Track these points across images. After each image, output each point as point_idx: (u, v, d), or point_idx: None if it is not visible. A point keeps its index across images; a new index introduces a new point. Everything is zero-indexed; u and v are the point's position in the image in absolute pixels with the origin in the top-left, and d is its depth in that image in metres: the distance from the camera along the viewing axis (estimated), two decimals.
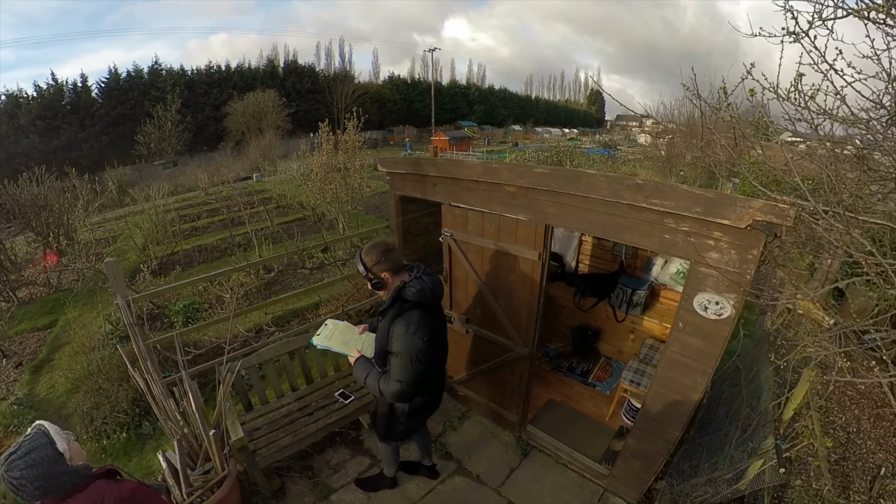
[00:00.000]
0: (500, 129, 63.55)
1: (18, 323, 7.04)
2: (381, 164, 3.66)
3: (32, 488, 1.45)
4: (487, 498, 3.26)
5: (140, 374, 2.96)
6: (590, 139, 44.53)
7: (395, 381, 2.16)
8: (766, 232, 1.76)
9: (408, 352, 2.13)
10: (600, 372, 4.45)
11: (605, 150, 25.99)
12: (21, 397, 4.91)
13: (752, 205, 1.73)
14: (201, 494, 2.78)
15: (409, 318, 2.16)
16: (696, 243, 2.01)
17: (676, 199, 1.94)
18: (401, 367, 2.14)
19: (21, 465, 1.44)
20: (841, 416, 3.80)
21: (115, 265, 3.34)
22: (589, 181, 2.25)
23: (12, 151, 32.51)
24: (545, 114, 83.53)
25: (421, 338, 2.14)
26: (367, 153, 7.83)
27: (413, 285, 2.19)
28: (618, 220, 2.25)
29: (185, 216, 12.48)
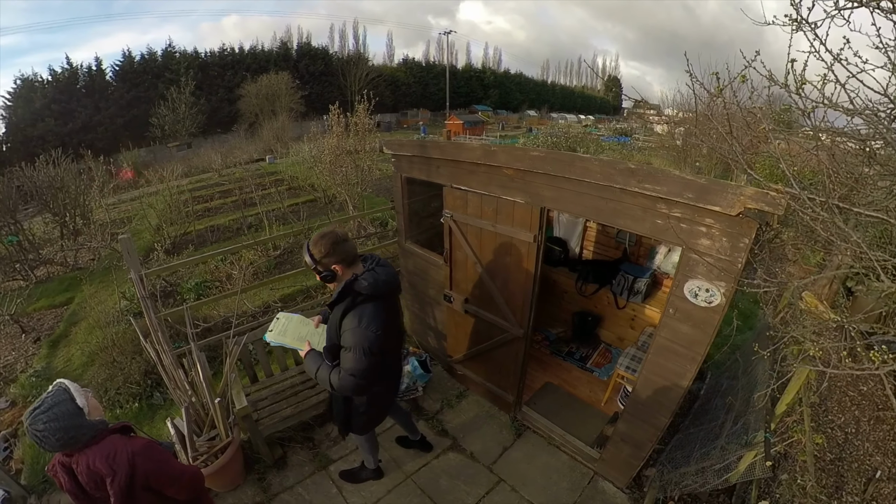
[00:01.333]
0: (514, 114, 62.78)
1: (37, 300, 7.28)
2: (386, 147, 3.69)
3: (54, 440, 1.56)
4: (479, 475, 3.36)
5: (152, 345, 3.08)
6: (606, 126, 43.74)
7: (348, 374, 2.11)
8: (757, 220, 1.76)
9: (360, 345, 2.06)
10: (599, 358, 4.49)
11: (622, 138, 25.58)
12: (39, 370, 5.12)
13: (744, 192, 1.71)
14: (206, 459, 2.94)
15: (362, 311, 2.09)
16: (687, 229, 2.00)
17: (668, 185, 1.94)
18: (354, 360, 2.08)
19: (44, 419, 1.54)
20: (840, 417, 3.81)
21: (130, 241, 3.47)
22: (583, 165, 2.26)
23: (28, 135, 33.21)
24: (561, 99, 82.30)
25: (374, 331, 2.07)
26: (379, 136, 7.83)
27: (366, 278, 2.10)
28: (611, 203, 2.25)
29: (198, 197, 12.66)
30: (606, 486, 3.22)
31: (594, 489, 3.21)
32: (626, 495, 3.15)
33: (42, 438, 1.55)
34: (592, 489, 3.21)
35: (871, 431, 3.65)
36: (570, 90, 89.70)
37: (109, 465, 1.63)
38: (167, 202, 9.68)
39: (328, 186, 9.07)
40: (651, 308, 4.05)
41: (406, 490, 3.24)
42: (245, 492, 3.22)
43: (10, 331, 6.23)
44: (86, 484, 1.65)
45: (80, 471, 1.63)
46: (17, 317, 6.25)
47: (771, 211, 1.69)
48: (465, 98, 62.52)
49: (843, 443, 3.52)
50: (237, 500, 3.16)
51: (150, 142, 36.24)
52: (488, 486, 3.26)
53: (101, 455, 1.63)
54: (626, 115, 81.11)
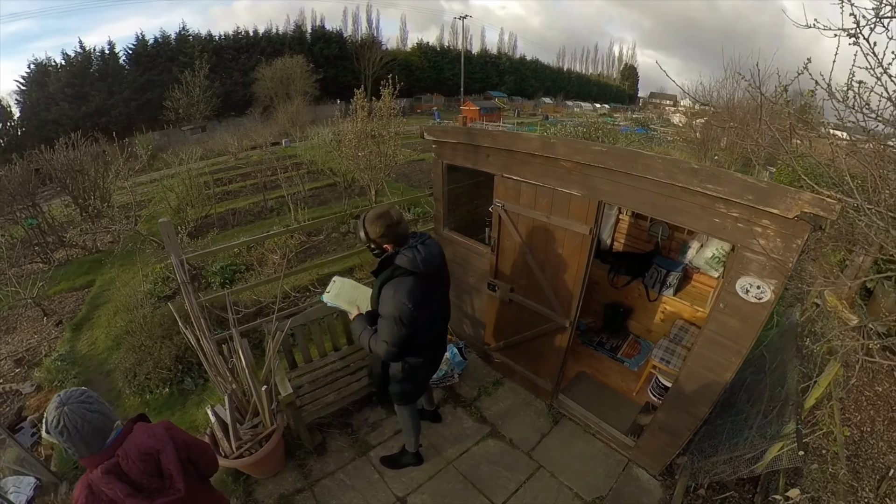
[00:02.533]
0: (530, 101, 61.89)
1: (57, 283, 7.33)
2: (428, 133, 3.66)
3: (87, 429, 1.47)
4: (519, 461, 3.41)
5: (192, 331, 3.08)
6: (622, 116, 43.02)
7: (381, 340, 2.29)
8: (811, 223, 1.83)
9: (392, 315, 2.21)
10: (629, 349, 4.51)
11: (640, 129, 25.19)
12: (63, 354, 5.11)
13: (802, 197, 1.78)
14: (250, 447, 2.97)
15: (399, 283, 2.23)
16: (743, 229, 2.07)
17: (730, 186, 1.99)
18: (386, 328, 2.25)
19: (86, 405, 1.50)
20: (857, 415, 3.87)
21: (169, 225, 3.48)
22: (646, 162, 2.28)
23: (43, 119, 33.47)
24: (577, 87, 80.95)
25: (406, 304, 2.19)
26: (403, 121, 7.80)
27: (405, 253, 2.22)
28: (670, 201, 2.29)
29: (217, 180, 12.72)
30: (640, 473, 3.28)
31: (629, 476, 3.27)
32: (659, 482, 3.21)
33: (80, 417, 1.46)
34: (627, 476, 3.27)
35: (885, 431, 3.73)
36: (586, 78, 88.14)
37: (157, 439, 1.65)
38: (187, 185, 9.72)
39: (348, 171, 9.06)
40: (681, 302, 4.04)
41: (447, 476, 3.29)
42: (286, 478, 3.28)
43: (32, 314, 6.30)
44: (140, 475, 1.58)
45: (132, 460, 1.57)
46: (39, 300, 6.28)
47: (825, 216, 1.77)
48: (479, 84, 61.72)
49: (858, 440, 3.58)
50: (278, 487, 3.21)
51: (164, 125, 36.34)
52: (528, 472, 3.31)
53: (144, 436, 1.64)
54: (642, 104, 79.89)
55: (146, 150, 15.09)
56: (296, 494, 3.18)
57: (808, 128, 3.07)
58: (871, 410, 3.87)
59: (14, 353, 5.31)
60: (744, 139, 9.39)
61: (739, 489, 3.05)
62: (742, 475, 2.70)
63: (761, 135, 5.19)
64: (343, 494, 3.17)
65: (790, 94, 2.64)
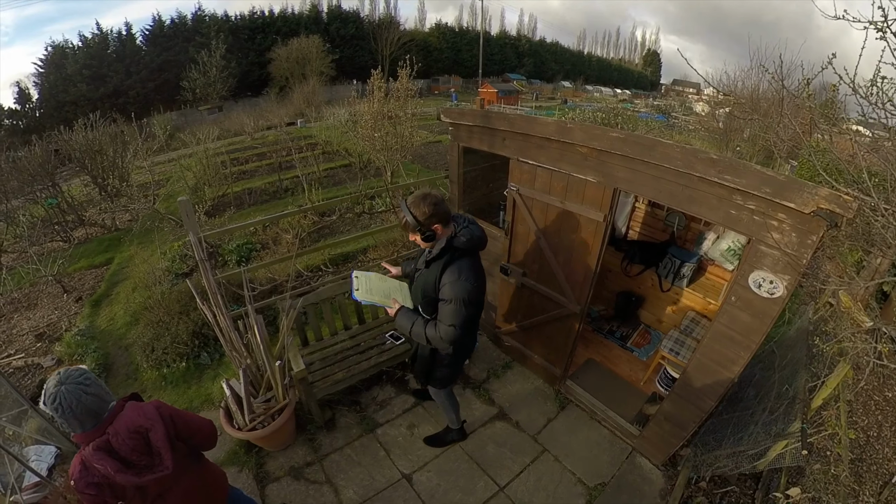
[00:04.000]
0: (549, 85, 60.96)
1: (77, 261, 7.46)
2: (445, 115, 3.65)
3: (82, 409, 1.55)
4: (525, 444, 3.46)
5: (209, 307, 3.15)
6: (643, 102, 42.02)
7: (447, 325, 2.26)
8: (827, 220, 1.80)
9: (460, 297, 2.23)
10: (639, 338, 4.49)
11: (660, 116, 24.61)
12: (83, 329, 5.21)
13: (819, 192, 1.76)
14: (263, 420, 3.06)
15: (460, 265, 2.26)
16: (759, 222, 2.04)
17: (748, 178, 1.96)
18: (454, 312, 2.25)
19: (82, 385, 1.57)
20: (864, 419, 3.83)
21: (188, 204, 3.53)
22: (664, 150, 2.24)
23: (61, 100, 33.96)
24: (597, 71, 79.32)
25: (473, 283, 2.26)
26: (420, 102, 7.72)
27: (463, 234, 2.27)
28: (687, 190, 2.26)
29: (233, 160, 12.78)
30: (643, 463, 3.30)
31: (632, 464, 3.30)
32: (662, 472, 3.23)
33: (76, 398, 1.53)
34: (630, 464, 3.30)
35: (891, 437, 3.69)
36: (607, 62, 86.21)
37: (146, 418, 1.70)
38: (204, 164, 9.80)
39: (364, 151, 9.04)
40: (694, 293, 4.01)
41: (454, 455, 3.36)
42: (296, 451, 3.38)
43: (53, 290, 6.42)
44: (129, 452, 1.64)
45: (122, 438, 1.63)
46: (59, 277, 6.40)
47: (842, 213, 1.74)
48: (498, 66, 60.85)
49: (864, 444, 3.55)
50: (289, 460, 3.32)
51: (181, 105, 36.70)
52: (533, 456, 3.36)
53: (134, 415, 1.69)
54: (664, 91, 77.90)
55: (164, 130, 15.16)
56: (305, 467, 3.28)
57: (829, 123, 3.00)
58: (878, 415, 3.84)
59: (35, 328, 5.43)
60: (766, 132, 9.16)
61: (741, 484, 3.06)
62: (744, 471, 2.70)
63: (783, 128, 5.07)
64: (350, 469, 3.26)
65: (813, 87, 2.57)
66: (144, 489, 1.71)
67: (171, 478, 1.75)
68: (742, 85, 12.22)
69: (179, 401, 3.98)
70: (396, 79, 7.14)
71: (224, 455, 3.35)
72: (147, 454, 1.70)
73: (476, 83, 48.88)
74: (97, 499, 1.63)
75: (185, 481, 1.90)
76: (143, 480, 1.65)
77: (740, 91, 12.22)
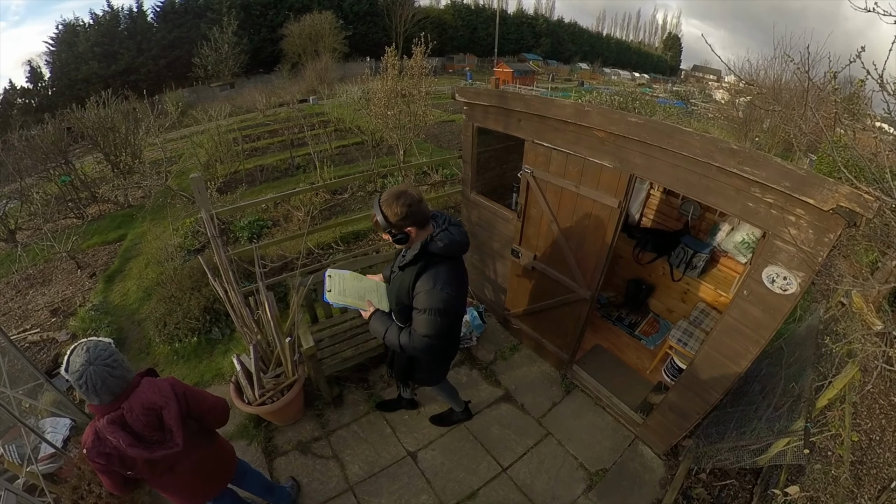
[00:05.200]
0: (565, 66, 59.76)
1: (90, 237, 7.56)
2: (460, 94, 3.59)
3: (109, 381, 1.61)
4: (529, 427, 3.49)
5: (220, 283, 3.18)
6: (662, 87, 40.98)
7: (421, 336, 2.06)
8: (846, 219, 1.76)
9: (436, 307, 2.00)
10: (647, 326, 4.47)
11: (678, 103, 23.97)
12: (97, 304, 5.29)
13: (840, 190, 1.71)
14: (272, 395, 3.12)
15: (437, 273, 2.02)
16: (776, 216, 2.00)
17: (767, 170, 1.91)
18: (429, 322, 2.03)
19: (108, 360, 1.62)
20: (868, 422, 3.79)
21: (200, 181, 3.53)
22: (683, 138, 2.19)
23: (73, 78, 34.19)
24: (616, 54, 77.43)
25: (449, 293, 2.02)
26: (434, 80, 7.62)
27: (441, 238, 2.02)
28: (705, 180, 2.21)
29: (245, 137, 12.77)
30: (645, 451, 3.32)
31: (634, 452, 3.32)
32: (663, 461, 3.25)
33: (101, 379, 1.58)
34: (632, 452, 3.32)
35: (893, 441, 3.66)
36: (626, 45, 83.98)
37: (161, 395, 1.74)
38: (216, 141, 9.79)
39: (376, 129, 8.97)
40: (705, 284, 3.96)
41: (459, 435, 3.40)
42: (304, 426, 3.46)
43: (67, 266, 6.52)
44: (143, 427, 1.69)
45: (136, 414, 1.67)
46: (73, 253, 6.49)
47: (861, 212, 1.70)
48: (514, 45, 59.67)
49: (865, 447, 3.53)
50: (297, 434, 3.40)
51: (193, 82, 36.58)
52: (537, 438, 3.40)
53: (149, 391, 1.72)
54: (684, 76, 75.88)
55: (175, 107, 15.18)
56: (313, 442, 3.35)
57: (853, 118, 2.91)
58: (882, 419, 3.81)
59: (50, 303, 5.52)
60: (787, 123, 8.92)
61: (740, 478, 3.08)
62: (745, 465, 2.71)
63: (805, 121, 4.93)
64: (357, 445, 3.32)
65: (839, 81, 2.49)
66: (154, 462, 1.76)
67: (181, 453, 1.80)
68: (764, 74, 11.86)
69: (191, 375, 4.06)
70: (410, 56, 7.05)
71: (234, 428, 3.43)
72: (159, 430, 1.75)
73: (491, 62, 48.11)
74: (107, 468, 1.69)
75: (195, 455, 1.96)
76: (153, 455, 1.71)
77: (762, 80, 11.85)
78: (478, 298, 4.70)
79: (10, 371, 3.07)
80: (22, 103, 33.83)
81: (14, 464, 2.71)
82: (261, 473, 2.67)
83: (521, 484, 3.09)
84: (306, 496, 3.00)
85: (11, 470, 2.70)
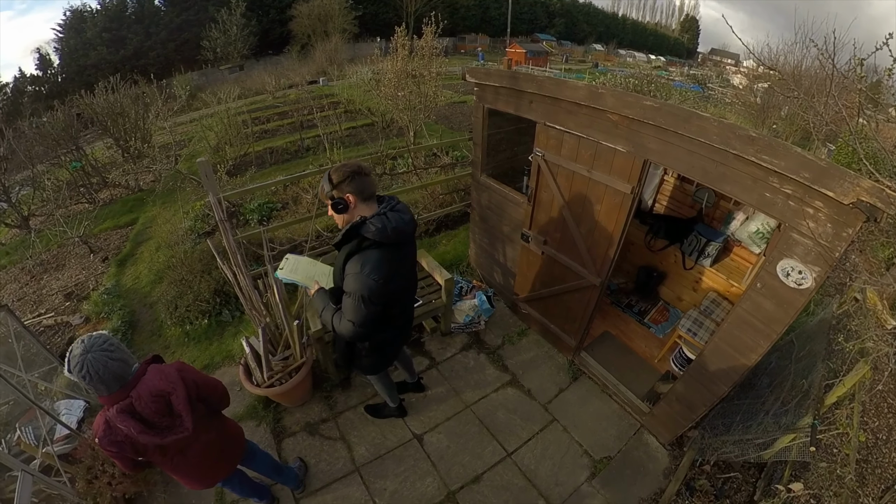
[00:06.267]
0: (580, 47, 58.28)
1: (102, 222, 7.61)
2: (470, 75, 3.52)
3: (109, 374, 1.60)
4: (535, 412, 3.50)
5: (229, 266, 3.21)
6: (678, 70, 39.90)
7: (347, 320, 2.02)
8: (866, 213, 1.69)
9: (360, 293, 1.94)
10: (657, 314, 4.43)
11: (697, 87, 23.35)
12: (109, 287, 5.35)
13: (861, 183, 1.65)
14: (281, 377, 3.16)
15: (366, 257, 1.95)
16: (794, 208, 1.94)
17: (787, 160, 1.84)
18: (353, 308, 1.98)
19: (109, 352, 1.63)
20: (875, 421, 3.73)
21: (207, 164, 3.52)
22: (700, 124, 2.11)
23: (82, 64, 34.24)
24: (631, 35, 75.50)
25: (375, 280, 1.94)
26: (445, 61, 7.49)
27: (374, 222, 1.94)
28: (721, 168, 2.15)
29: (255, 119, 12.74)
30: (650, 440, 3.32)
31: (639, 441, 3.32)
32: (667, 451, 3.25)
33: (102, 365, 1.58)
34: (637, 440, 3.32)
35: None
36: (642, 26, 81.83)
37: (168, 381, 1.75)
38: (225, 124, 9.77)
39: (386, 111, 8.87)
40: (717, 274, 3.89)
41: (465, 419, 3.43)
42: (312, 408, 3.50)
43: (79, 251, 6.58)
44: (152, 414, 1.71)
45: (145, 401, 1.69)
46: (85, 238, 6.54)
47: (882, 208, 1.64)
48: (527, 25, 58.31)
49: (871, 446, 3.48)
50: (305, 416, 3.45)
51: (201, 65, 36.29)
52: (542, 424, 3.41)
53: (156, 378, 1.74)
54: (701, 60, 73.89)
55: (185, 91, 15.18)
56: (321, 424, 3.39)
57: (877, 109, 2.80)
58: (890, 418, 3.74)
59: (64, 287, 5.60)
60: (806, 111, 8.67)
61: (744, 472, 3.06)
62: (749, 459, 2.69)
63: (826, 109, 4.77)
64: (364, 427, 3.36)
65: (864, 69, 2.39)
66: (165, 447, 1.79)
67: (192, 437, 1.83)
68: (784, 59, 11.47)
69: (202, 357, 4.11)
70: (421, 37, 6.93)
71: (243, 409, 3.48)
72: (168, 416, 1.77)
73: (504, 43, 47.17)
74: (120, 455, 1.73)
75: (205, 438, 1.99)
76: (164, 441, 1.74)
77: (782, 66, 11.47)
78: (486, 282, 4.69)
79: (25, 355, 3.13)
80: (32, 91, 34.07)
81: (30, 445, 2.78)
82: (269, 454, 2.71)
83: (526, 469, 3.11)
84: (313, 476, 3.06)
85: (28, 451, 2.77)
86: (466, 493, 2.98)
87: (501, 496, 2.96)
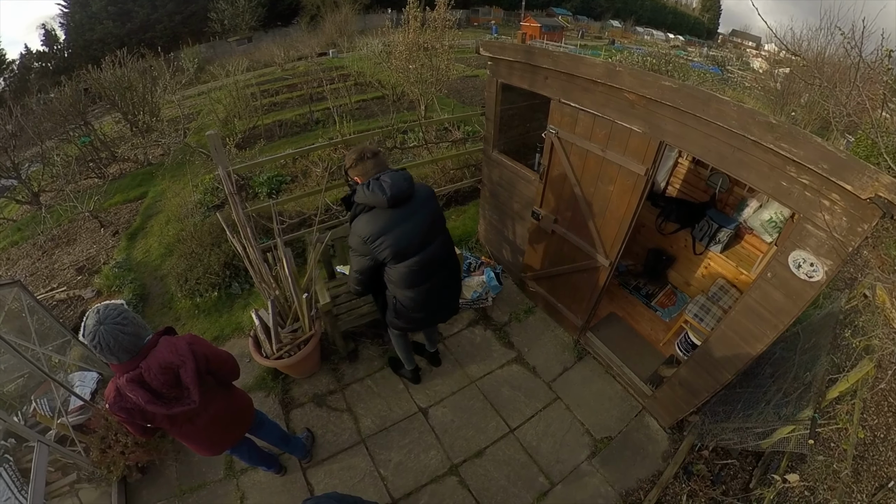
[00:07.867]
0: (596, 23, 56.67)
1: (112, 196, 7.62)
2: (484, 48, 3.44)
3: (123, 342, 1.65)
4: (538, 390, 3.55)
5: (238, 239, 3.22)
6: (697, 51, 38.74)
7: (351, 269, 2.51)
8: (883, 210, 1.66)
9: (350, 245, 2.40)
10: (664, 298, 4.41)
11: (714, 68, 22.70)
12: (120, 261, 5.38)
13: (881, 179, 1.61)
14: (290, 349, 3.21)
15: (358, 218, 2.33)
16: (810, 199, 1.90)
17: (806, 149, 1.79)
18: (350, 259, 2.47)
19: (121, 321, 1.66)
20: (875, 419, 3.72)
21: (216, 137, 3.48)
22: (719, 107, 2.06)
23: (88, 39, 33.91)
24: (650, 13, 72.81)
25: (359, 236, 2.30)
26: (457, 34, 7.32)
27: (362, 189, 2.28)
28: (738, 154, 2.10)
29: (264, 91, 12.61)
30: (651, 423, 3.35)
31: (640, 423, 3.35)
32: (668, 435, 3.28)
33: (113, 337, 1.62)
34: (638, 422, 3.35)
35: None
36: (662, 4, 78.73)
37: (178, 355, 1.78)
38: (234, 97, 9.68)
39: (397, 84, 8.73)
40: (726, 260, 3.84)
41: (470, 394, 3.48)
42: (320, 379, 3.57)
43: (90, 225, 6.60)
44: (161, 385, 1.75)
45: (154, 373, 1.72)
46: (96, 212, 6.55)
47: None
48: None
49: (869, 444, 3.48)
50: (313, 387, 3.52)
51: (209, 37, 35.99)
52: (545, 402, 3.46)
53: (166, 351, 1.76)
54: (721, 41, 71.52)
55: (192, 64, 14.94)
56: (328, 395, 3.46)
57: None
58: (890, 417, 3.73)
59: (75, 262, 5.65)
60: (827, 100, 8.42)
61: (742, 460, 3.10)
62: (747, 447, 2.72)
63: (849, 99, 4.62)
64: (370, 399, 3.43)
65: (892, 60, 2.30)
66: (174, 416, 1.84)
67: (199, 408, 1.88)
68: (808, 45, 11.07)
69: (212, 328, 4.17)
70: (433, 8, 6.76)
71: (252, 381, 3.56)
72: (176, 387, 1.81)
73: (518, 16, 46.04)
74: (129, 420, 1.80)
75: (213, 409, 2.05)
76: (171, 412, 1.79)
77: (805, 51, 11.09)
78: (495, 258, 4.69)
79: (38, 329, 3.18)
80: (39, 67, 33.95)
81: (46, 416, 2.86)
82: (277, 424, 2.78)
83: (528, 445, 3.17)
84: (320, 447, 3.14)
85: (43, 422, 2.85)
86: (469, 467, 3.04)
87: (503, 470, 3.03)
